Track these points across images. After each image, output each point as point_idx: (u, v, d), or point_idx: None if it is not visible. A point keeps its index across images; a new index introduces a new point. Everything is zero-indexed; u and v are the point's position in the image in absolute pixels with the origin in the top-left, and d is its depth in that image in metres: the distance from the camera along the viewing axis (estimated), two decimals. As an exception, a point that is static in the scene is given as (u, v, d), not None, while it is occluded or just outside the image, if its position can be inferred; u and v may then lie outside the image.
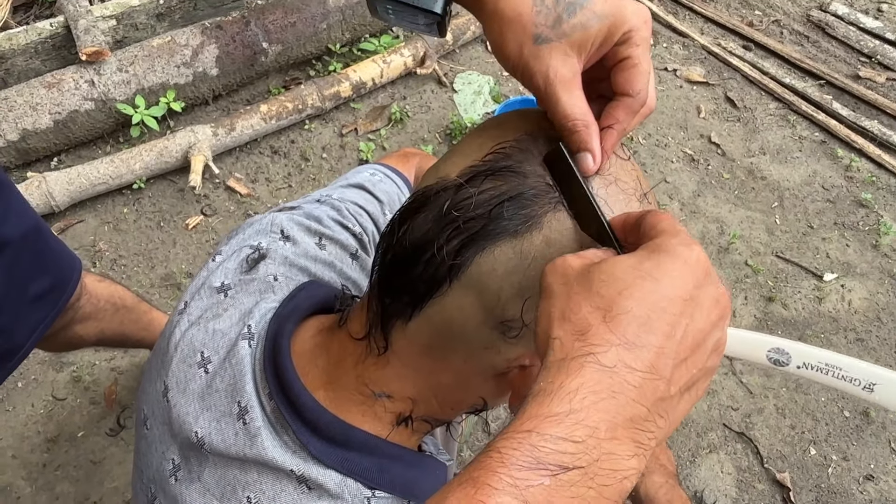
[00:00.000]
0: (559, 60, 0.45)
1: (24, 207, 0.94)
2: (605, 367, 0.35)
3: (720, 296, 0.39)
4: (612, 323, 0.36)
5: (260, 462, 0.55)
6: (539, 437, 0.33)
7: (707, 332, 0.38)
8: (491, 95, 2.27)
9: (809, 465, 1.61)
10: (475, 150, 0.50)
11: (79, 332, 1.15)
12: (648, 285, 0.37)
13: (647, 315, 0.36)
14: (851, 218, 2.12)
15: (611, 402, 0.34)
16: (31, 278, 0.95)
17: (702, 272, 0.38)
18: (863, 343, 1.83)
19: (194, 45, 1.94)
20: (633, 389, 0.35)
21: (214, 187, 1.93)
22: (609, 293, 0.37)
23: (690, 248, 0.38)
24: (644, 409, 0.35)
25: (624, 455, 0.34)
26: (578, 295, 0.38)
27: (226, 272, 0.68)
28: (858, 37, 2.67)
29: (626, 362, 0.35)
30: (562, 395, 0.35)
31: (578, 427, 0.34)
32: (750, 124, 2.35)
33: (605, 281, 0.38)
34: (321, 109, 2.09)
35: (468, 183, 0.47)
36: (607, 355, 0.35)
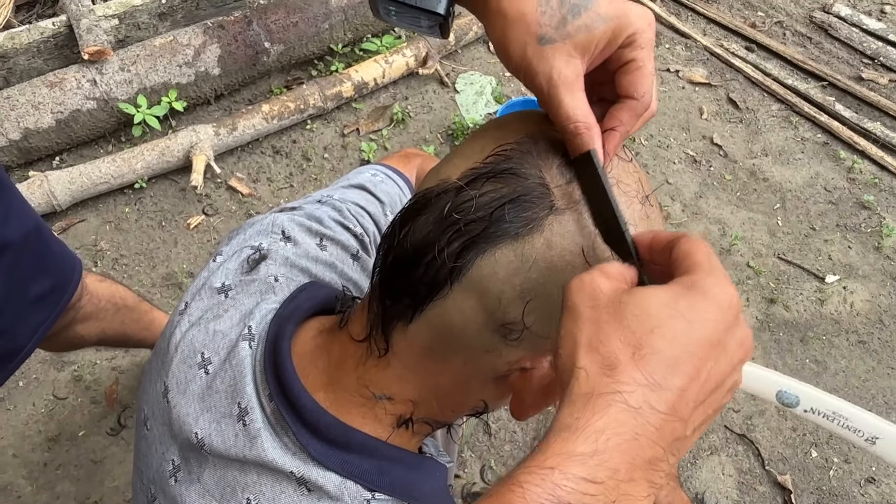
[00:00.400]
0: (563, 61, 0.45)
1: (24, 208, 0.94)
2: (630, 408, 0.35)
3: (745, 339, 0.39)
4: (641, 362, 0.36)
5: (260, 464, 0.55)
6: (562, 475, 0.34)
7: (728, 374, 0.38)
8: (493, 96, 2.27)
9: (811, 467, 1.61)
10: (476, 152, 0.49)
11: (80, 332, 1.15)
12: (681, 326, 0.37)
13: (677, 357, 0.36)
14: (854, 220, 2.11)
15: (633, 443, 0.35)
16: (32, 279, 0.95)
17: (733, 316, 0.38)
18: (864, 345, 1.82)
19: (196, 45, 1.94)
20: (654, 431, 0.35)
21: (216, 187, 1.93)
22: (641, 329, 0.37)
23: (726, 291, 0.38)
24: (661, 450, 0.36)
25: (639, 496, 0.35)
26: (609, 325, 0.38)
27: (226, 273, 0.68)
28: (861, 38, 2.67)
29: (651, 403, 0.35)
30: (587, 434, 0.35)
31: (601, 469, 0.34)
32: (752, 126, 2.35)
33: (638, 316, 0.37)
34: (323, 109, 2.09)
35: (469, 185, 0.47)
36: (634, 395, 0.35)
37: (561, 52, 0.45)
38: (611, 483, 0.34)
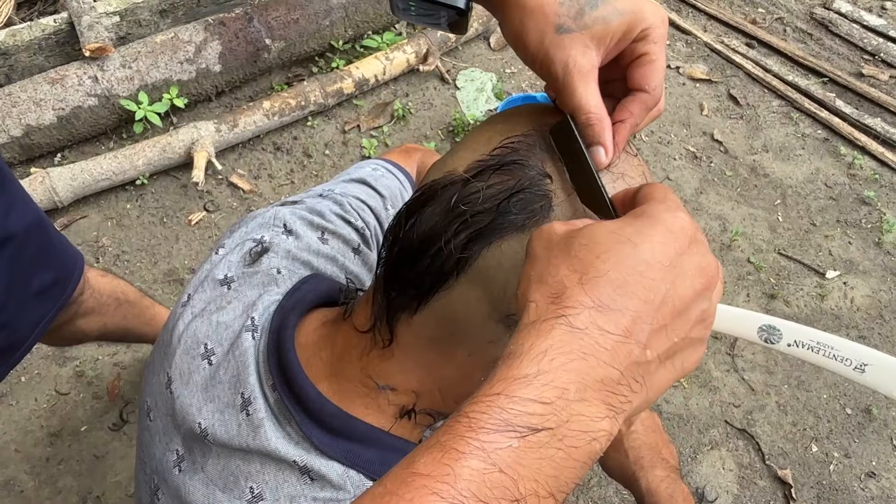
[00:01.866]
0: (579, 51, 0.46)
1: (26, 201, 0.94)
2: (575, 329, 0.35)
3: (706, 265, 0.39)
4: (587, 286, 0.36)
5: (263, 453, 0.55)
6: (507, 399, 0.33)
7: (689, 300, 0.38)
8: (493, 93, 2.27)
9: (811, 461, 1.61)
10: (483, 144, 0.50)
11: (82, 326, 1.15)
12: (627, 249, 0.37)
13: (624, 279, 0.36)
14: (854, 215, 2.11)
15: (581, 363, 0.34)
16: (34, 273, 0.96)
17: (685, 238, 0.38)
18: (865, 341, 1.83)
19: (197, 42, 1.94)
20: (604, 352, 0.35)
21: (217, 183, 1.94)
22: (587, 256, 0.37)
23: (675, 215, 0.38)
24: (617, 371, 0.35)
25: (594, 416, 0.34)
26: (557, 258, 0.38)
27: (229, 265, 0.68)
28: (862, 34, 2.67)
29: (599, 325, 0.35)
30: (531, 357, 0.34)
31: (547, 388, 0.33)
32: (753, 122, 2.35)
33: (585, 245, 0.37)
34: (324, 106, 2.09)
35: (475, 177, 0.47)
36: (579, 317, 0.35)
37: (578, 42, 0.45)
38: (560, 403, 0.33)
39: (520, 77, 2.35)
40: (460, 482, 0.31)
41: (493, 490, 0.31)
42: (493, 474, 0.32)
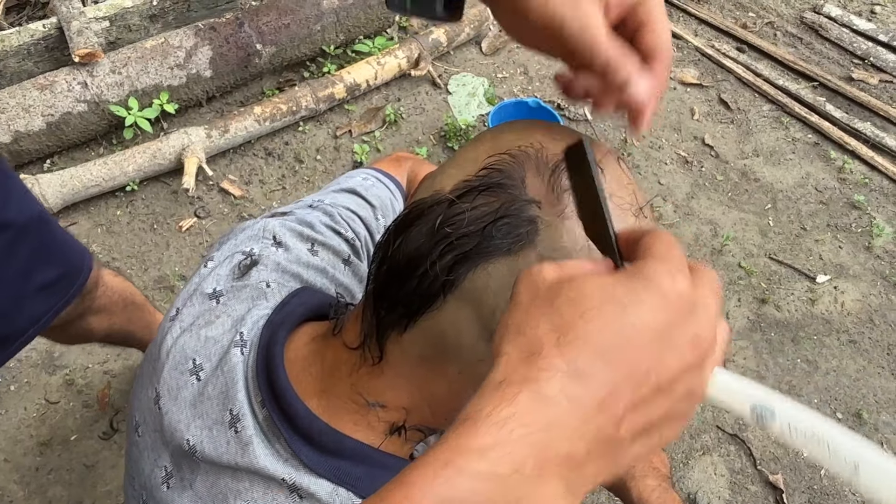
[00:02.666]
0: (592, 7, 0.44)
1: (27, 197, 0.93)
2: (544, 397, 0.31)
3: (702, 337, 0.34)
4: (565, 347, 0.32)
5: (251, 470, 0.55)
6: (455, 471, 0.30)
7: (676, 375, 0.34)
8: (485, 97, 2.27)
9: (802, 466, 1.62)
10: (470, 163, 0.49)
11: (91, 323, 1.15)
12: (615, 312, 0.33)
13: (607, 345, 0.32)
14: (844, 220, 2.13)
15: (542, 435, 0.31)
16: (35, 267, 0.95)
17: (681, 308, 0.34)
18: (855, 345, 1.84)
19: (188, 47, 1.93)
20: (572, 426, 0.31)
21: (208, 189, 1.93)
22: (571, 314, 0.33)
23: (673, 279, 0.34)
24: (583, 448, 0.32)
25: (549, 495, 0.31)
26: (539, 309, 0.34)
27: (218, 278, 0.68)
28: (852, 39, 2.68)
29: (570, 394, 0.31)
30: (488, 426, 0.31)
31: (502, 462, 0.30)
32: (743, 126, 2.36)
33: (572, 300, 0.34)
34: (315, 111, 2.08)
35: (461, 198, 0.47)
36: (550, 383, 0.32)
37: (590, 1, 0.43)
38: (514, 479, 0.30)
39: (511, 82, 2.35)
40: None
41: None
42: None
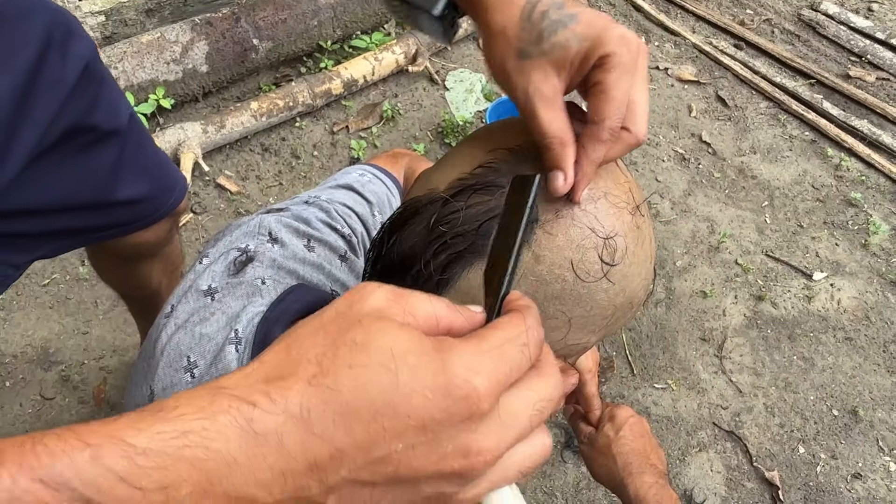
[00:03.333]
0: (540, 77, 0.45)
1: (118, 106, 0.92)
2: (250, 430, 0.27)
3: (477, 451, 0.29)
4: (310, 390, 0.28)
5: None
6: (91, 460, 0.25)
7: (424, 475, 0.29)
8: (483, 93, 2.27)
9: (798, 463, 1.62)
10: (465, 161, 0.49)
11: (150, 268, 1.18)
12: (385, 379, 0.28)
13: (355, 409, 0.28)
14: (841, 217, 2.13)
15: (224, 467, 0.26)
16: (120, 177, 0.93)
17: (464, 409, 0.28)
18: (851, 342, 1.84)
19: (184, 42, 1.92)
20: (266, 471, 0.27)
21: (204, 185, 1.92)
22: (344, 356, 0.28)
23: (470, 376, 0.28)
24: (267, 497, 0.27)
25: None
26: (326, 333, 0.30)
27: (213, 275, 0.67)
28: (849, 36, 2.68)
29: (284, 439, 0.27)
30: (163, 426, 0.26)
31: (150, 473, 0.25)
32: (741, 123, 2.36)
33: (361, 342, 0.29)
34: (312, 107, 2.08)
35: (455, 197, 0.47)
36: (268, 418, 0.27)
37: (538, 68, 0.45)
38: (154, 497, 0.25)
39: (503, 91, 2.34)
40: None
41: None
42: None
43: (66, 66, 0.80)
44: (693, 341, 1.80)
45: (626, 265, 0.48)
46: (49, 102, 0.79)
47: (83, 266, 1.73)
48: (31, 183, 0.82)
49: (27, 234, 0.88)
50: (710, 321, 1.84)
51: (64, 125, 0.82)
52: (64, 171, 0.86)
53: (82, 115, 0.85)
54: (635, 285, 0.49)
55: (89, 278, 1.68)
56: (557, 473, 1.53)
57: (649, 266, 0.51)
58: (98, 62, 0.87)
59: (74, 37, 0.82)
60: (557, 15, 0.44)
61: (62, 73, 0.80)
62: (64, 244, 0.96)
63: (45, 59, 0.78)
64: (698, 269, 1.95)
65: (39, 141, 0.79)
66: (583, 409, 0.91)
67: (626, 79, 0.44)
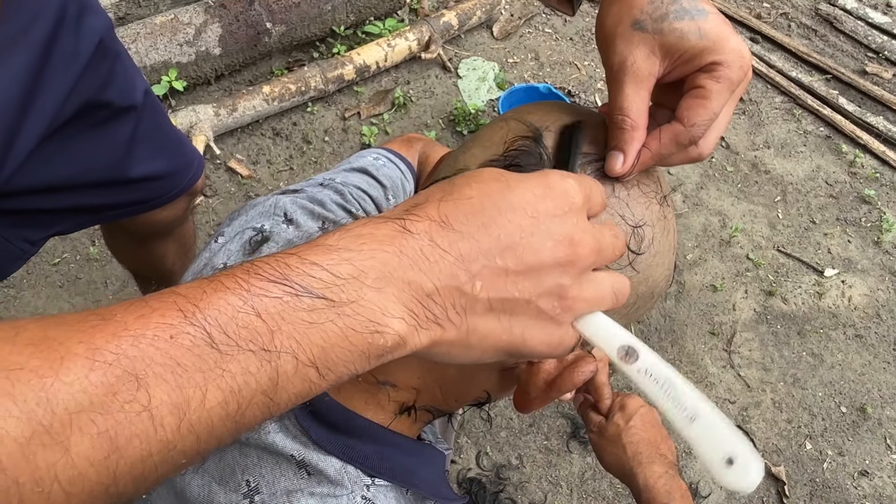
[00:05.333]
0: (643, 53, 0.44)
1: (132, 83, 0.91)
2: (405, 231, 0.34)
3: (578, 241, 0.36)
4: (443, 202, 0.35)
5: (260, 446, 0.54)
6: (298, 259, 0.32)
7: (543, 263, 0.35)
8: (496, 82, 2.25)
9: (804, 459, 1.62)
10: (495, 143, 0.49)
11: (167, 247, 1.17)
12: (499, 187, 0.36)
13: (482, 209, 0.35)
14: (854, 214, 2.11)
15: (392, 258, 0.33)
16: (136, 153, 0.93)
17: (564, 202, 0.36)
18: (861, 339, 1.83)
19: (197, 24, 1.92)
20: (425, 261, 0.33)
21: (215, 168, 1.92)
22: (461, 183, 0.36)
23: (564, 178, 0.37)
24: (431, 284, 0.33)
25: (385, 310, 0.32)
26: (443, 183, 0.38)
27: (229, 254, 0.67)
28: (866, 32, 2.65)
29: (433, 236, 0.34)
30: (343, 233, 0.33)
31: (345, 264, 0.32)
32: (755, 117, 2.34)
33: (470, 175, 0.37)
34: (324, 92, 2.07)
35: None
36: (417, 224, 0.34)
37: (646, 44, 0.44)
38: (351, 282, 0.32)
39: (522, 67, 2.33)
40: (209, 309, 0.30)
41: (242, 330, 0.30)
42: (248, 316, 0.30)
43: (79, 40, 0.80)
44: (702, 335, 1.79)
45: (651, 255, 0.47)
46: (64, 78, 0.79)
47: (93, 246, 1.73)
48: (46, 159, 0.82)
49: (44, 210, 0.87)
50: (719, 315, 1.83)
51: (79, 101, 0.82)
52: (79, 147, 0.86)
53: (97, 90, 0.84)
54: (658, 275, 0.49)
55: (100, 258, 1.69)
56: (563, 463, 1.53)
57: (672, 257, 0.51)
58: (113, 38, 0.87)
59: (88, 11, 0.82)
60: (690, 4, 0.43)
61: (76, 48, 0.80)
62: (81, 220, 0.96)
63: (59, 34, 0.77)
64: (709, 263, 1.94)
65: (54, 116, 0.79)
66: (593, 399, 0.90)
67: (726, 94, 0.43)
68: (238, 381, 0.30)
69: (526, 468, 1.52)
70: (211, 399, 0.29)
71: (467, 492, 1.44)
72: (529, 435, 1.57)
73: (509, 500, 1.44)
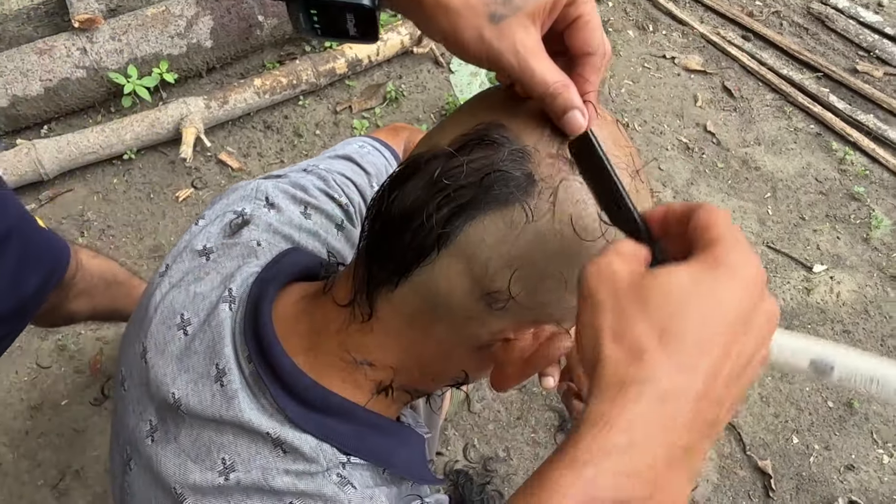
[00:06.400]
0: (522, 33, 0.45)
1: (7, 203, 0.93)
2: (662, 396, 0.34)
3: (772, 313, 0.38)
4: (668, 347, 0.35)
5: (236, 424, 0.54)
6: (595, 470, 0.34)
7: (757, 350, 0.37)
8: (488, 77, 2.25)
9: (791, 453, 1.63)
10: (467, 120, 0.49)
11: (72, 308, 1.14)
12: (707, 307, 0.36)
13: (704, 339, 0.35)
14: (843, 211, 2.12)
15: (669, 433, 0.34)
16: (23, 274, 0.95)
17: (759, 291, 0.37)
18: (849, 335, 1.84)
19: (189, 16, 1.91)
20: (688, 417, 0.35)
21: (206, 160, 1.92)
22: (665, 313, 0.36)
23: (750, 265, 0.37)
24: (696, 436, 0.35)
25: (680, 484, 0.35)
26: (631, 311, 0.36)
27: (208, 236, 0.67)
28: (858, 30, 2.66)
29: (682, 389, 0.35)
30: (621, 426, 0.34)
31: (637, 461, 0.34)
32: (746, 114, 2.35)
33: (662, 299, 0.36)
34: (316, 85, 2.07)
35: (459, 151, 0.47)
36: (664, 382, 0.35)
37: (517, 25, 0.45)
38: (649, 475, 0.34)
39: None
40: None
41: None
42: None
43: None
44: (690, 330, 1.79)
45: None
46: None
47: (82, 237, 1.73)
48: None
49: None
50: (708, 310, 1.84)
51: None
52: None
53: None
54: None
55: (88, 250, 1.69)
56: (550, 456, 1.54)
57: None
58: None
59: None
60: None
61: None
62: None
63: None
64: (698, 259, 1.94)
65: None
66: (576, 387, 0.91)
67: (595, 7, 0.47)
68: None
69: (513, 460, 1.52)
70: None
71: (454, 483, 1.44)
72: (517, 427, 1.57)
73: (496, 492, 1.44)
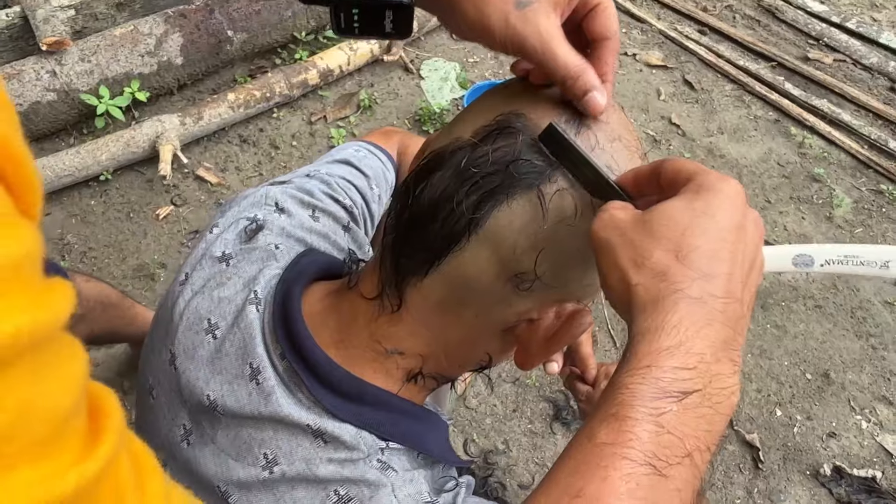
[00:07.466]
0: (545, 19, 0.48)
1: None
2: (694, 300, 0.39)
3: (757, 218, 0.44)
4: (685, 260, 0.40)
5: (275, 419, 0.56)
6: (659, 370, 0.38)
7: (756, 251, 0.43)
8: (458, 81, 2.29)
9: (776, 425, 1.69)
10: (486, 112, 0.52)
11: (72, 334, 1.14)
12: (706, 221, 0.41)
13: (713, 248, 0.41)
14: (806, 192, 2.21)
15: (709, 329, 0.39)
16: None
17: (742, 201, 0.43)
18: (821, 309, 1.92)
19: (158, 34, 1.91)
20: (721, 315, 0.40)
21: (183, 177, 1.91)
22: (674, 235, 0.41)
23: (728, 182, 0.43)
24: (731, 330, 0.40)
25: (727, 373, 0.40)
26: (643, 242, 0.42)
27: (225, 242, 0.69)
28: (806, 20, 2.78)
29: (710, 292, 0.40)
30: (668, 330, 0.39)
31: (689, 356, 0.39)
32: (707, 105, 2.43)
33: (666, 225, 0.41)
34: (289, 97, 2.08)
35: (483, 141, 0.49)
36: (692, 288, 0.40)
37: (541, 12, 0.48)
38: (701, 367, 0.39)
39: (483, 66, 2.38)
40: (643, 445, 0.37)
41: (667, 449, 0.38)
42: (664, 436, 0.38)
43: None
44: (671, 315, 1.85)
45: None
46: None
47: (63, 260, 1.71)
48: None
49: None
50: (686, 295, 1.90)
51: None
52: None
53: None
54: None
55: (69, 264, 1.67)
56: (547, 445, 1.57)
57: None
58: None
59: None
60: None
61: None
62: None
63: None
64: (673, 246, 2.00)
65: None
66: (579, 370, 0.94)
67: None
68: (683, 495, 0.38)
69: (512, 452, 1.55)
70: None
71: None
72: (514, 420, 1.60)
73: (498, 483, 1.47)
